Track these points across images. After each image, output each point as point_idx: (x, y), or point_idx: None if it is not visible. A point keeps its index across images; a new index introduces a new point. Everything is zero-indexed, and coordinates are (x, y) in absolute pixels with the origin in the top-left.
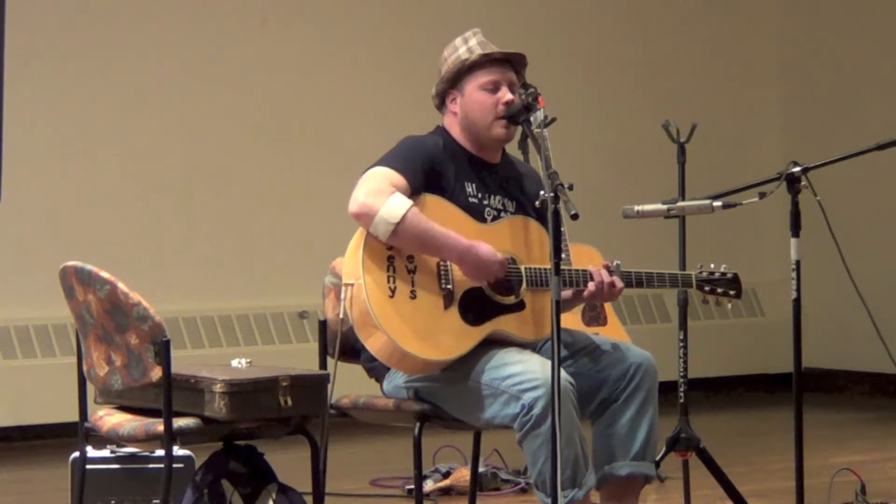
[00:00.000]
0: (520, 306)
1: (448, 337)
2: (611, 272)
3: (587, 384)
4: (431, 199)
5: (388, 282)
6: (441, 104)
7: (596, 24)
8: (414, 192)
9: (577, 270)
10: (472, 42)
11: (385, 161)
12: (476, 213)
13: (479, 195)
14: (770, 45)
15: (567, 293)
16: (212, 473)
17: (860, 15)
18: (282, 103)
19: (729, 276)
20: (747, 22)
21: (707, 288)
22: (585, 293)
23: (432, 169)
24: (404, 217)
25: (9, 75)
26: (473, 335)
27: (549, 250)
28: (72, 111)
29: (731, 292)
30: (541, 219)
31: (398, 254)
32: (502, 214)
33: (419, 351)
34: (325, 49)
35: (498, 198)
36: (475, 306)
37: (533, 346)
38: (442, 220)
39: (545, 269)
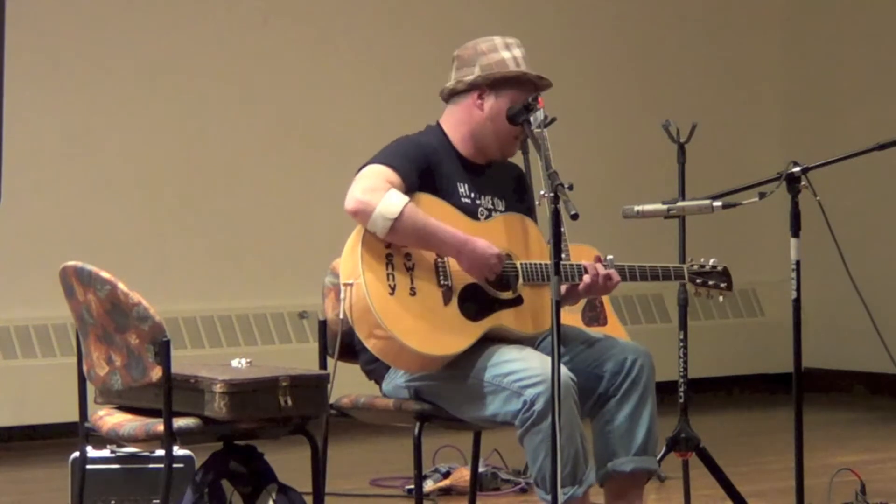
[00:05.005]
0: (517, 301)
1: (449, 332)
2: (605, 267)
3: (584, 380)
4: (426, 198)
5: (388, 279)
6: (457, 94)
7: (596, 25)
8: (408, 191)
9: (573, 265)
10: (517, 52)
11: (380, 158)
12: (469, 212)
13: (472, 195)
14: (770, 45)
15: (562, 287)
16: (212, 473)
17: (860, 15)
18: (282, 103)
19: (719, 269)
20: (747, 22)
21: (699, 280)
22: (581, 286)
23: (427, 168)
24: (402, 212)
25: (9, 75)
26: (473, 330)
27: (548, 249)
28: (72, 111)
29: (723, 285)
30: (530, 214)
31: (396, 251)
32: (493, 214)
33: (421, 347)
34: (325, 48)
35: (488, 197)
36: (474, 301)
37: (532, 342)
38: (437, 217)
39: (541, 264)
